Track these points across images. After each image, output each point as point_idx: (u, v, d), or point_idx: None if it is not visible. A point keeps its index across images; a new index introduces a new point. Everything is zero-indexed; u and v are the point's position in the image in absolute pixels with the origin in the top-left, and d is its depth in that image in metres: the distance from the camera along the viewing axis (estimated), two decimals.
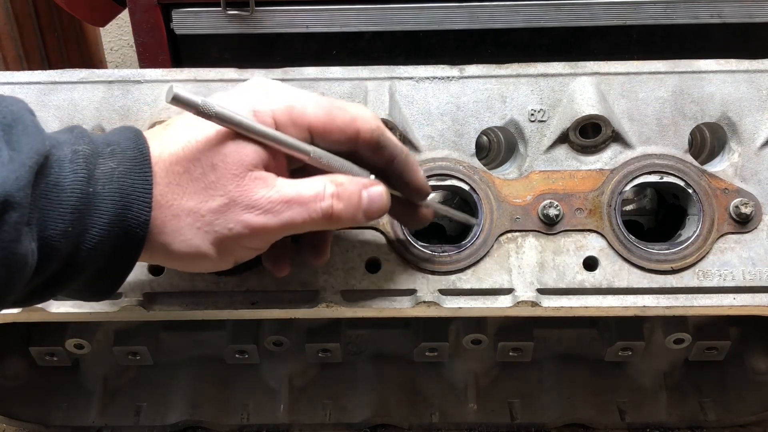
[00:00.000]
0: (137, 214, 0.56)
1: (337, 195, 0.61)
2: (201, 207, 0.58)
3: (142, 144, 0.58)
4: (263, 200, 0.58)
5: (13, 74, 0.82)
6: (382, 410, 1.06)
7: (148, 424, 1.07)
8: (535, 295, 0.78)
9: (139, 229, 0.57)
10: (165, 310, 0.78)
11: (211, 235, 0.59)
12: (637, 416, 1.06)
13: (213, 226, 0.59)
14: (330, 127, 0.61)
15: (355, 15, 1.10)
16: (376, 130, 0.63)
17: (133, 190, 0.56)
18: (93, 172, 0.55)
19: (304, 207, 0.59)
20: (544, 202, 0.78)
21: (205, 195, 0.58)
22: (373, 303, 0.79)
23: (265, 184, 0.59)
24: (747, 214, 0.78)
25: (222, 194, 0.58)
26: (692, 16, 1.10)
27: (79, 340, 0.98)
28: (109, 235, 0.56)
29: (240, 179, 0.58)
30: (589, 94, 0.80)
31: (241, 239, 0.60)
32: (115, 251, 0.57)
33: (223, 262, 0.62)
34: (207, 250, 0.60)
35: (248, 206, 0.58)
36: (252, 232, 0.59)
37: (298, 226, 0.60)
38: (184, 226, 0.58)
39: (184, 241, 0.59)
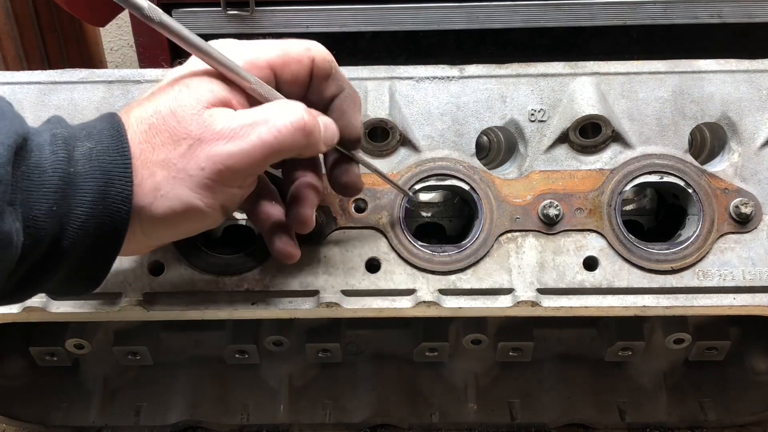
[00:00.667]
0: (119, 189, 0.56)
1: (305, 109, 0.61)
2: (170, 156, 0.58)
3: (115, 122, 0.59)
4: (226, 129, 0.58)
5: (13, 74, 0.82)
6: (382, 410, 1.06)
7: (148, 424, 1.07)
8: (535, 295, 0.78)
9: (123, 205, 0.57)
10: (165, 310, 0.78)
11: (188, 181, 0.58)
12: (637, 416, 1.06)
13: (186, 171, 0.58)
14: (287, 59, 0.63)
15: (355, 15, 1.10)
16: (330, 60, 0.65)
17: (113, 167, 0.56)
18: (72, 154, 0.56)
19: (271, 124, 0.59)
20: (544, 202, 0.78)
21: (172, 143, 0.58)
22: (373, 303, 0.79)
23: (224, 116, 0.59)
24: (747, 214, 0.78)
25: (185, 136, 0.58)
26: (692, 16, 1.10)
27: (79, 340, 0.98)
28: (93, 214, 0.56)
29: (198, 117, 0.58)
30: (589, 94, 0.80)
31: (217, 176, 0.59)
32: (100, 230, 0.57)
33: (213, 211, 0.61)
34: (189, 199, 0.59)
35: (212, 140, 0.58)
36: (225, 164, 0.58)
37: (270, 147, 0.59)
38: (161, 181, 0.58)
39: (164, 196, 0.58)
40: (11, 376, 1.05)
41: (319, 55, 0.64)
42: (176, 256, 0.78)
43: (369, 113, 0.79)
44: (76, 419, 1.06)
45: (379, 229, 0.79)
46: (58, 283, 0.60)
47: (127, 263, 0.78)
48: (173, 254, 0.78)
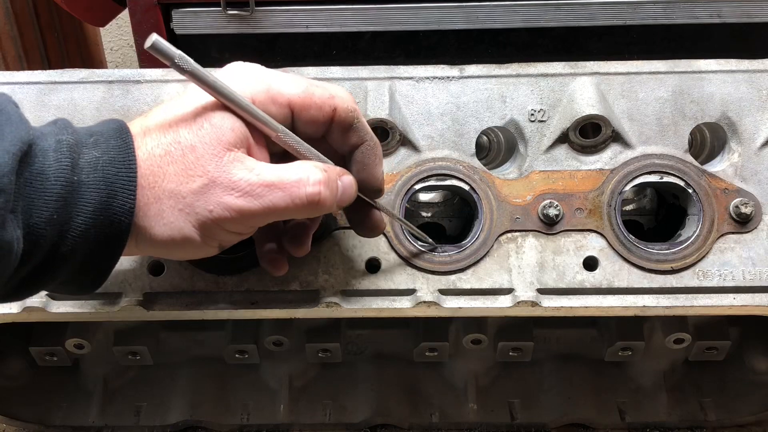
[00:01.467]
0: (122, 202, 0.56)
1: (324, 183, 0.61)
2: (181, 189, 0.58)
3: (125, 133, 0.58)
4: (243, 183, 0.58)
5: (13, 74, 0.82)
6: (382, 410, 1.06)
7: (148, 424, 1.07)
8: (535, 295, 0.78)
9: (124, 217, 0.57)
10: (165, 310, 0.78)
11: (193, 218, 0.58)
12: (637, 416, 1.06)
13: (194, 208, 0.58)
14: (308, 102, 0.62)
15: (355, 15, 1.10)
16: (353, 111, 0.64)
17: (117, 179, 0.56)
18: (77, 161, 0.56)
19: (287, 192, 0.59)
20: (544, 202, 0.78)
21: (185, 176, 0.58)
22: (373, 303, 0.79)
23: (244, 166, 0.58)
24: (747, 214, 0.78)
25: (201, 174, 0.58)
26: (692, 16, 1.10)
27: (79, 340, 0.98)
28: (94, 223, 0.56)
29: (219, 159, 0.58)
30: (589, 94, 0.80)
31: (222, 222, 0.59)
32: (100, 239, 0.57)
33: (208, 246, 0.62)
34: (189, 233, 0.59)
35: (228, 188, 0.58)
36: (232, 214, 0.58)
37: (280, 212, 0.60)
38: (165, 209, 0.58)
39: (166, 224, 0.58)
40: (11, 376, 1.05)
41: (343, 105, 0.63)
42: None
43: (369, 113, 0.79)
44: (76, 419, 1.07)
45: None
46: (56, 286, 0.60)
47: (127, 263, 0.78)
48: None
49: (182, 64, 0.56)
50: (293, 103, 0.61)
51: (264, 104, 0.60)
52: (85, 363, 1.07)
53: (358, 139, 0.66)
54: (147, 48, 0.54)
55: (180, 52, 0.56)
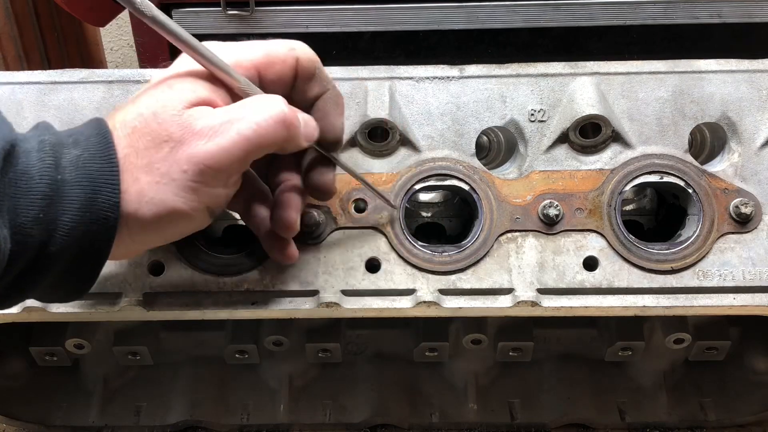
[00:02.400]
0: (107, 197, 0.56)
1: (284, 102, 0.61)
2: (153, 160, 0.57)
3: (103, 129, 0.58)
4: (206, 128, 0.57)
5: (13, 74, 0.82)
6: (382, 410, 1.06)
7: (148, 424, 1.07)
8: (535, 295, 0.78)
9: (110, 212, 0.56)
10: (165, 310, 0.78)
11: (171, 185, 0.58)
12: (637, 416, 1.06)
13: (170, 175, 0.57)
14: (272, 59, 0.63)
15: (355, 15, 1.10)
16: (314, 60, 0.65)
17: (99, 175, 0.56)
18: (59, 161, 0.56)
19: (249, 119, 0.58)
20: (544, 202, 0.78)
21: (154, 146, 0.57)
22: (373, 303, 0.79)
23: (203, 114, 0.58)
24: (747, 214, 0.78)
25: (167, 139, 0.57)
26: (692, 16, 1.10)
27: (79, 340, 0.98)
28: (81, 221, 0.55)
29: (179, 117, 0.57)
30: (589, 94, 0.80)
31: (200, 178, 0.58)
32: (88, 236, 0.57)
33: (198, 213, 0.60)
34: (173, 203, 0.58)
35: (192, 140, 0.57)
36: (206, 164, 0.57)
37: (251, 141, 0.58)
38: (144, 186, 0.57)
39: (148, 201, 0.58)
40: (11, 376, 1.05)
41: (304, 55, 0.64)
42: (176, 256, 0.78)
43: (369, 113, 0.79)
44: (76, 419, 1.06)
45: (379, 229, 0.79)
46: (46, 289, 0.60)
47: (127, 263, 0.78)
48: (173, 254, 0.78)
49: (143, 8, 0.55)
50: (257, 64, 0.63)
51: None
52: (85, 363, 1.07)
53: (321, 88, 0.67)
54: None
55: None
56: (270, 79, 0.64)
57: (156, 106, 0.58)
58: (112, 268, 0.78)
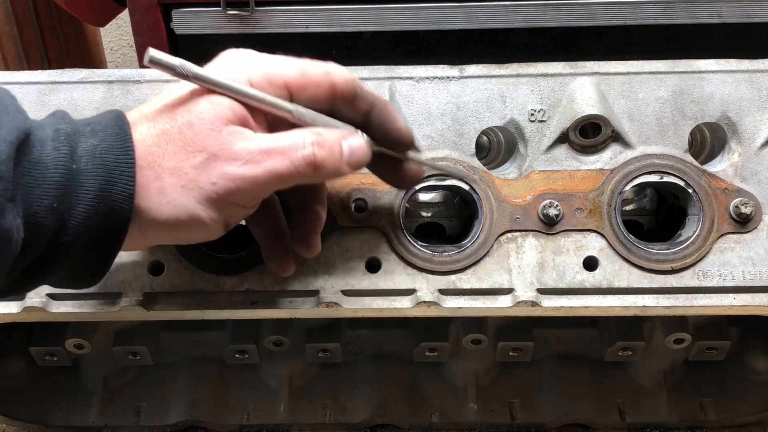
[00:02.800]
0: (122, 188, 0.56)
1: (318, 144, 0.61)
2: (182, 165, 0.58)
3: (122, 120, 0.59)
4: (243, 152, 0.58)
5: (13, 74, 0.82)
6: (382, 410, 1.06)
7: (148, 424, 1.07)
8: (535, 295, 0.78)
9: (124, 204, 0.56)
10: (165, 310, 0.78)
11: (196, 192, 0.58)
12: (637, 416, 1.06)
13: (197, 183, 0.58)
14: (305, 82, 0.62)
15: (355, 15, 1.10)
16: (351, 81, 0.64)
17: (116, 166, 0.56)
18: (75, 150, 0.56)
19: (285, 155, 0.59)
20: (544, 202, 0.78)
21: (185, 153, 0.58)
22: (373, 303, 0.79)
23: (242, 137, 0.59)
24: (747, 214, 0.78)
25: (201, 150, 0.58)
26: (692, 16, 1.10)
27: (79, 340, 0.98)
28: (95, 211, 0.56)
29: (218, 134, 0.58)
30: (589, 94, 0.80)
31: (227, 194, 0.59)
32: (101, 227, 0.57)
33: (214, 224, 0.61)
34: (194, 210, 0.59)
35: (229, 159, 0.58)
36: (236, 184, 0.59)
37: (283, 176, 0.60)
38: (167, 187, 0.58)
39: (170, 202, 0.58)
40: (11, 376, 1.05)
41: (340, 79, 0.63)
42: (176, 256, 0.78)
43: None
44: (76, 419, 1.06)
45: (379, 229, 0.79)
46: (59, 278, 0.60)
47: (128, 263, 0.78)
48: (173, 254, 0.78)
49: (184, 71, 0.56)
50: (290, 83, 0.62)
51: (262, 88, 0.61)
52: (85, 363, 1.07)
53: (367, 105, 0.66)
54: (146, 63, 0.55)
55: (180, 60, 0.56)
56: (304, 101, 0.63)
57: (192, 116, 0.58)
58: (111, 268, 0.78)
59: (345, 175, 0.66)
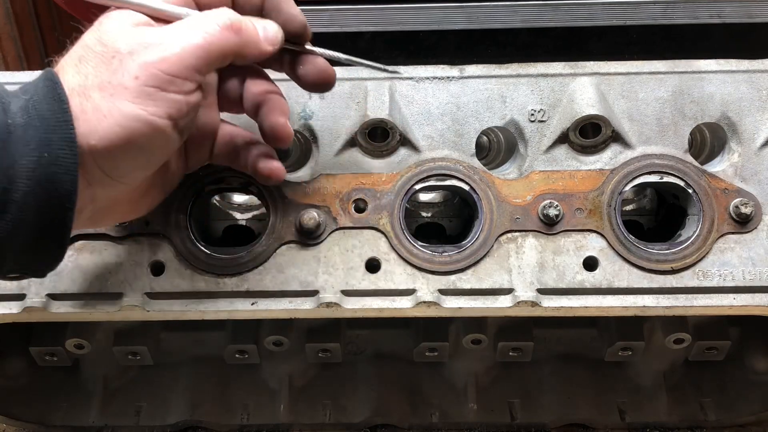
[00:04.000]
0: (62, 134, 0.56)
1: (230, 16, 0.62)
2: (103, 77, 0.58)
3: (49, 72, 0.59)
4: (155, 37, 0.59)
5: (13, 74, 0.82)
6: (382, 410, 1.06)
7: (148, 424, 1.07)
8: (535, 295, 0.78)
9: (68, 149, 0.56)
10: (165, 310, 0.78)
11: (125, 94, 0.58)
12: (637, 416, 1.06)
13: (122, 85, 0.58)
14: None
15: (355, 15, 1.10)
16: None
17: (51, 114, 0.56)
18: (8, 108, 0.56)
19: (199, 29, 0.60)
20: (544, 202, 0.78)
21: (103, 65, 0.59)
22: (373, 303, 0.79)
23: (153, 29, 0.60)
24: (747, 214, 0.78)
25: (114, 55, 0.59)
26: (692, 16, 1.10)
27: (79, 340, 0.98)
28: (40, 162, 0.55)
29: (125, 35, 0.59)
30: (589, 94, 0.80)
31: (155, 82, 0.58)
32: (51, 179, 0.55)
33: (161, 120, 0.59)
34: (131, 110, 0.58)
35: (142, 49, 0.58)
36: (159, 68, 0.58)
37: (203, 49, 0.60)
38: (99, 102, 0.57)
39: (106, 115, 0.57)
40: (11, 376, 1.05)
41: None
42: (176, 256, 0.78)
43: (369, 113, 0.79)
44: (76, 419, 1.07)
45: (379, 229, 0.79)
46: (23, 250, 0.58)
47: (128, 263, 0.78)
48: (173, 254, 0.78)
49: None
50: None
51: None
52: (85, 363, 1.07)
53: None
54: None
55: None
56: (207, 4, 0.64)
57: (98, 33, 0.60)
58: (112, 268, 0.78)
59: (268, 54, 0.65)
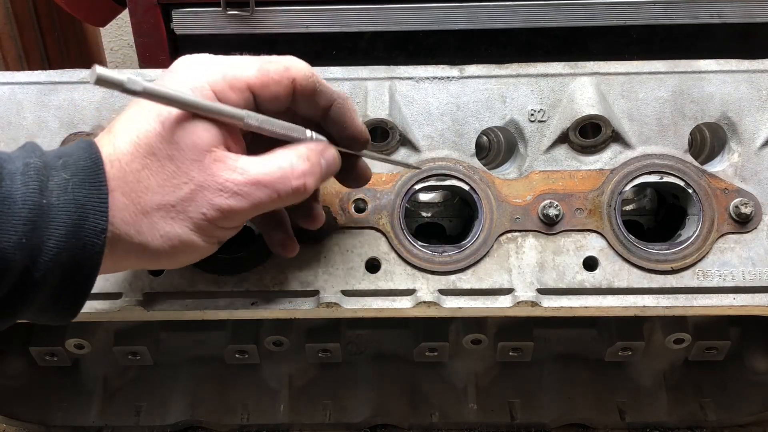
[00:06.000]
0: (94, 224, 0.55)
1: (309, 171, 0.62)
2: (169, 199, 0.58)
3: (95, 153, 0.57)
4: (230, 183, 0.59)
5: (13, 74, 0.82)
6: (382, 410, 1.06)
7: (148, 424, 1.07)
8: (535, 295, 0.78)
9: (96, 239, 0.56)
10: (165, 310, 0.78)
11: (188, 222, 0.59)
12: (637, 416, 1.06)
13: (187, 214, 0.59)
14: (266, 80, 0.62)
15: (355, 15, 1.10)
16: (311, 76, 0.64)
17: (88, 200, 0.55)
18: (46, 184, 0.55)
19: (272, 188, 0.60)
20: (544, 202, 0.78)
21: (171, 186, 0.58)
22: (373, 303, 0.79)
23: (227, 166, 0.59)
24: (747, 214, 0.78)
25: (186, 182, 0.58)
26: (692, 16, 1.10)
27: (79, 340, 0.98)
28: (66, 247, 0.55)
29: (200, 163, 0.58)
30: (589, 94, 0.80)
31: (216, 221, 0.60)
32: (73, 263, 0.56)
33: (208, 245, 0.63)
34: (188, 237, 0.60)
35: (216, 190, 0.59)
36: (225, 215, 0.60)
37: (268, 205, 0.61)
38: (158, 221, 0.58)
39: (163, 235, 0.59)
40: (11, 376, 1.05)
41: (300, 73, 0.63)
42: None
43: (369, 113, 0.79)
44: (76, 419, 1.07)
45: (379, 229, 0.79)
46: (35, 313, 0.59)
47: None
48: None
49: (133, 87, 0.54)
50: (251, 84, 0.61)
51: (223, 92, 0.60)
52: (85, 363, 1.07)
53: (326, 101, 0.66)
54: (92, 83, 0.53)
55: (127, 75, 0.54)
56: (265, 99, 0.63)
57: (171, 149, 0.58)
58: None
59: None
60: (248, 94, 0.62)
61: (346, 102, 0.67)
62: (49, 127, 0.81)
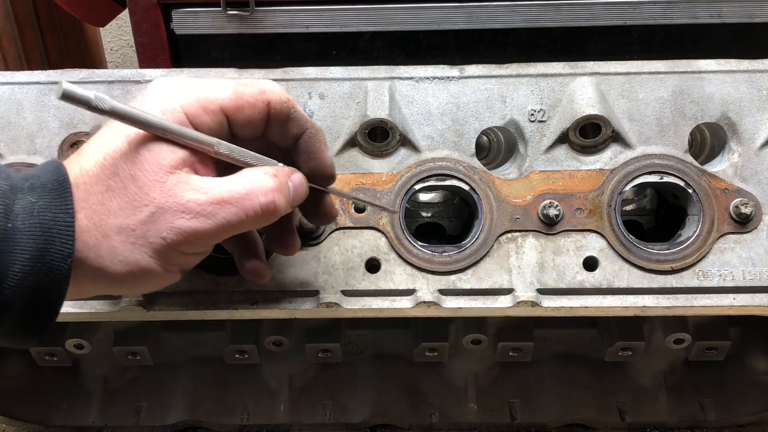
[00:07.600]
0: (60, 247, 0.54)
1: (277, 188, 0.60)
2: (129, 222, 0.56)
3: (62, 175, 0.56)
4: (192, 203, 0.56)
5: (13, 74, 0.82)
6: (382, 410, 1.06)
7: (148, 424, 1.07)
8: (535, 295, 0.78)
9: (63, 263, 0.54)
10: (165, 310, 0.78)
11: (147, 248, 0.57)
12: (637, 416, 1.06)
13: (147, 238, 0.57)
14: (240, 103, 0.60)
15: (355, 15, 1.10)
16: (287, 101, 0.62)
17: (54, 224, 0.54)
18: (11, 208, 0.53)
19: (239, 206, 0.58)
20: (544, 202, 0.78)
21: (132, 209, 0.56)
22: (373, 303, 0.79)
23: (190, 187, 0.57)
24: (747, 214, 0.78)
25: (147, 203, 0.56)
26: (692, 16, 1.10)
27: (79, 340, 0.98)
28: (32, 271, 0.53)
29: (162, 185, 0.56)
30: (589, 94, 0.80)
31: (178, 245, 0.58)
32: (39, 287, 0.54)
33: (169, 273, 0.60)
34: (147, 264, 0.58)
35: (177, 211, 0.56)
36: (187, 238, 0.57)
37: (236, 227, 0.59)
38: (117, 245, 0.56)
39: (122, 260, 0.57)
40: (11, 376, 1.05)
41: (275, 97, 0.61)
42: None
43: (369, 113, 0.79)
44: (76, 419, 1.07)
45: (379, 229, 0.79)
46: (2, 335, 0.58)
47: None
48: None
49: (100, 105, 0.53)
50: (225, 107, 0.60)
51: (197, 115, 0.59)
52: (85, 363, 1.07)
53: (299, 128, 0.64)
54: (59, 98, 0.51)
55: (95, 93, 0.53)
56: (239, 123, 0.61)
57: (134, 169, 0.56)
58: None
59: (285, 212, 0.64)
60: (222, 117, 0.60)
61: (318, 133, 0.66)
62: (49, 127, 0.81)
